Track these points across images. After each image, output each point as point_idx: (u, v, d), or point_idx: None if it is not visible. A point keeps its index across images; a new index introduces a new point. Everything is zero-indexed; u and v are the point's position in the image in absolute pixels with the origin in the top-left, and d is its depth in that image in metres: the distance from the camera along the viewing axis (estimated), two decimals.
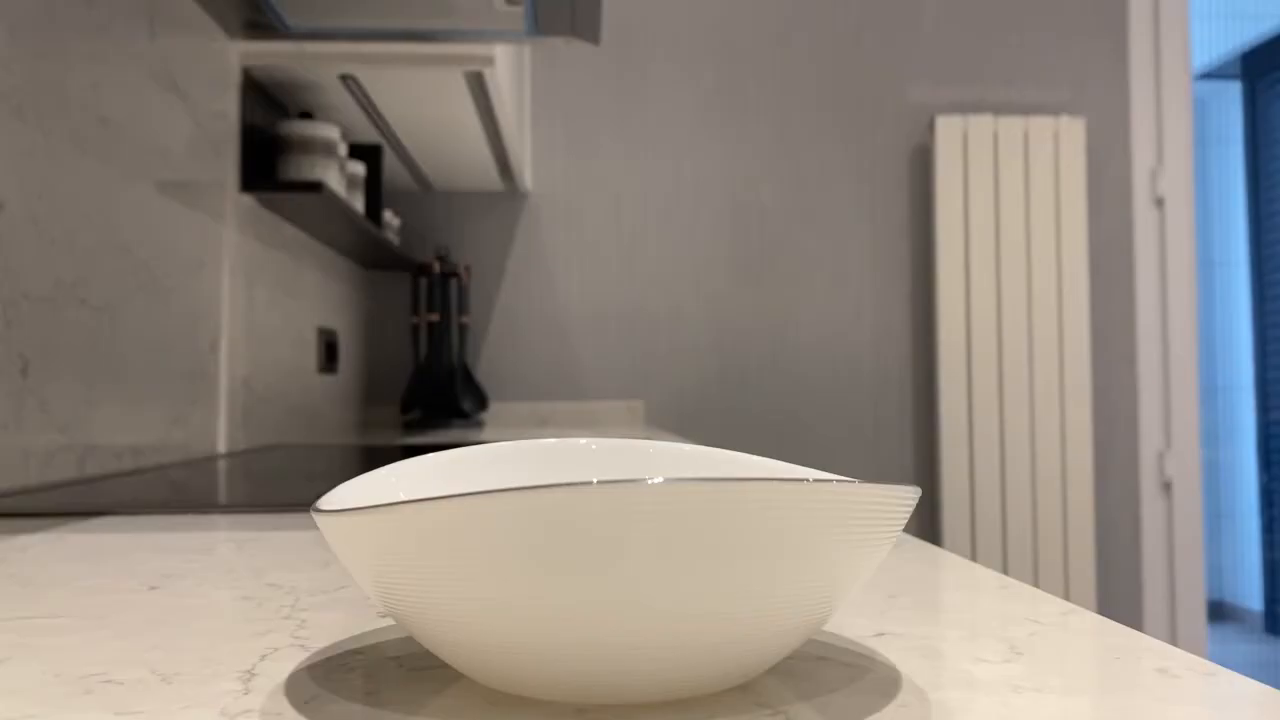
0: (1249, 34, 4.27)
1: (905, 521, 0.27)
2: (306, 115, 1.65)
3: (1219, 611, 4.42)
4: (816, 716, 0.25)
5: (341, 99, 1.73)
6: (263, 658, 0.31)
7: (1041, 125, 2.52)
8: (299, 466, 1.15)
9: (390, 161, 2.17)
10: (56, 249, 0.93)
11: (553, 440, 0.39)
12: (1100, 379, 2.59)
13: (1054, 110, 2.61)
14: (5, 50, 0.85)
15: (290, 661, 0.31)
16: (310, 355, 1.88)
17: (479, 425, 2.28)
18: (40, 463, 0.89)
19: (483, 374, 2.45)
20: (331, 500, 0.30)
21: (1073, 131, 2.52)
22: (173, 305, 1.21)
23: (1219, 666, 0.29)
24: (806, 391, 2.52)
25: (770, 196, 2.55)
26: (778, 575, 0.24)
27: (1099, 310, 2.60)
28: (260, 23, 1.44)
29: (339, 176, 1.65)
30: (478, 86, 1.68)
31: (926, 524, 2.57)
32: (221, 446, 1.37)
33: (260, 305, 1.56)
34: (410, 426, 2.27)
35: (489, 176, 2.33)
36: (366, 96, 1.73)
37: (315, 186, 1.51)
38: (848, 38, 2.58)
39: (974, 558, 2.50)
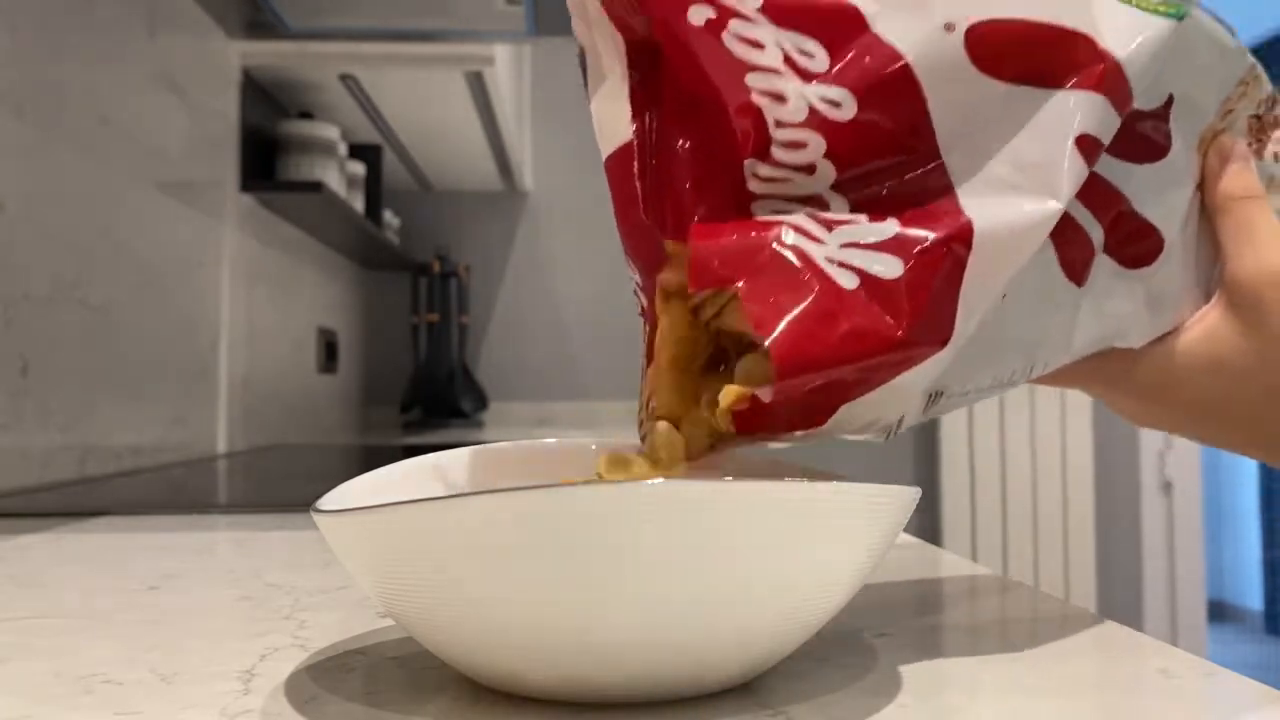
0: (1249, 34, 4.27)
1: (905, 521, 0.27)
2: (306, 115, 1.65)
3: (1219, 611, 4.42)
4: (816, 716, 0.25)
5: (341, 99, 1.73)
6: (263, 658, 0.31)
7: None
8: (299, 466, 1.15)
9: (390, 161, 2.17)
10: (56, 249, 0.93)
11: (554, 441, 0.39)
12: None
13: None
14: (5, 50, 0.85)
15: (290, 661, 0.31)
16: (310, 355, 1.88)
17: (479, 425, 2.28)
18: (40, 463, 0.89)
19: (483, 374, 2.45)
20: (331, 500, 0.30)
21: None
22: (172, 305, 1.21)
23: (1219, 666, 0.29)
24: None
25: None
26: (777, 575, 0.24)
27: None
28: (260, 23, 1.44)
29: (339, 176, 1.65)
30: (478, 86, 1.68)
31: (926, 524, 2.57)
32: (221, 446, 1.37)
33: (260, 305, 1.56)
34: (410, 426, 2.27)
35: (489, 176, 2.33)
36: (366, 96, 1.73)
37: (315, 186, 1.51)
38: None
39: (974, 558, 2.50)
